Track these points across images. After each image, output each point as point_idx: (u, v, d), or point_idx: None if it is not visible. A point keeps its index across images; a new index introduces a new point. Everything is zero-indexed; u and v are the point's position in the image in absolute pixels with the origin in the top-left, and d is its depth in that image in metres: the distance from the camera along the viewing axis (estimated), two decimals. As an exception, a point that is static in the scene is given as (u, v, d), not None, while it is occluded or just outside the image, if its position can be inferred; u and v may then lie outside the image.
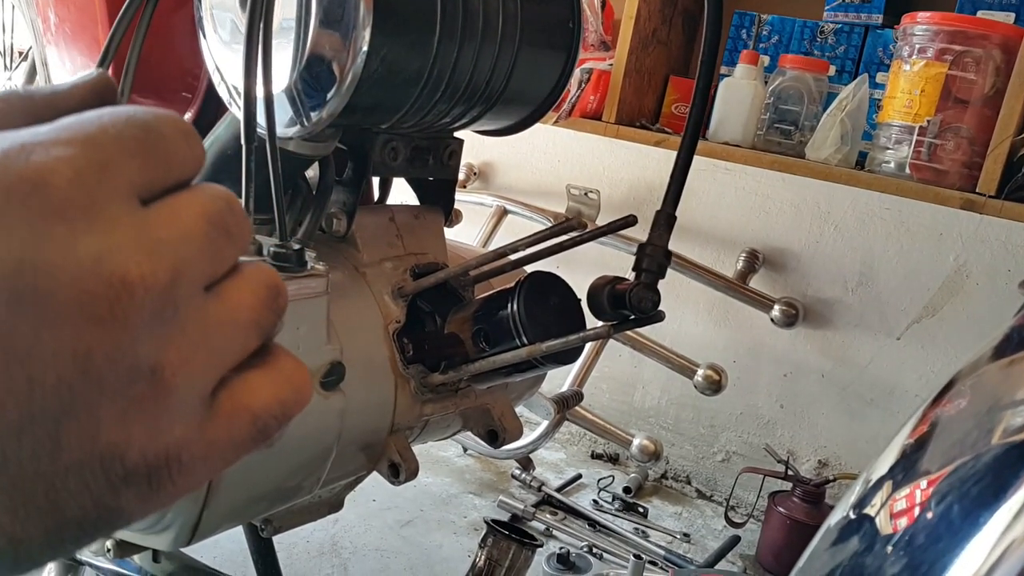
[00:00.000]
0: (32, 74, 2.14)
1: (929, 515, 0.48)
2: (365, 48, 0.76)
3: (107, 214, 0.25)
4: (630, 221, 0.86)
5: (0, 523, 0.25)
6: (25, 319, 0.24)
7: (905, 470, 0.56)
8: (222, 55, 0.86)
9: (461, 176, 2.37)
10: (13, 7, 2.10)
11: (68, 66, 1.22)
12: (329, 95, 0.78)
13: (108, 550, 0.82)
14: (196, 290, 0.27)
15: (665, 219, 0.82)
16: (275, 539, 1.15)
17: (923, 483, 0.52)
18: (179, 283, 0.27)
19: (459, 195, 1.05)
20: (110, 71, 0.98)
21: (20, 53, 2.26)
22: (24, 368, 0.25)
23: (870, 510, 0.56)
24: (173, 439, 0.27)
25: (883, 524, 0.53)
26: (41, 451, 0.25)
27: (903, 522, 0.51)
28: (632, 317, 0.81)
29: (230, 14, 0.85)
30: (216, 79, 0.88)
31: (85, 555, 1.06)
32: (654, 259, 0.81)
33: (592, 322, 0.83)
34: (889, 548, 0.49)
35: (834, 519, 0.61)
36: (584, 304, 0.85)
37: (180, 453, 0.28)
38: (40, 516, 0.26)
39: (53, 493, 0.26)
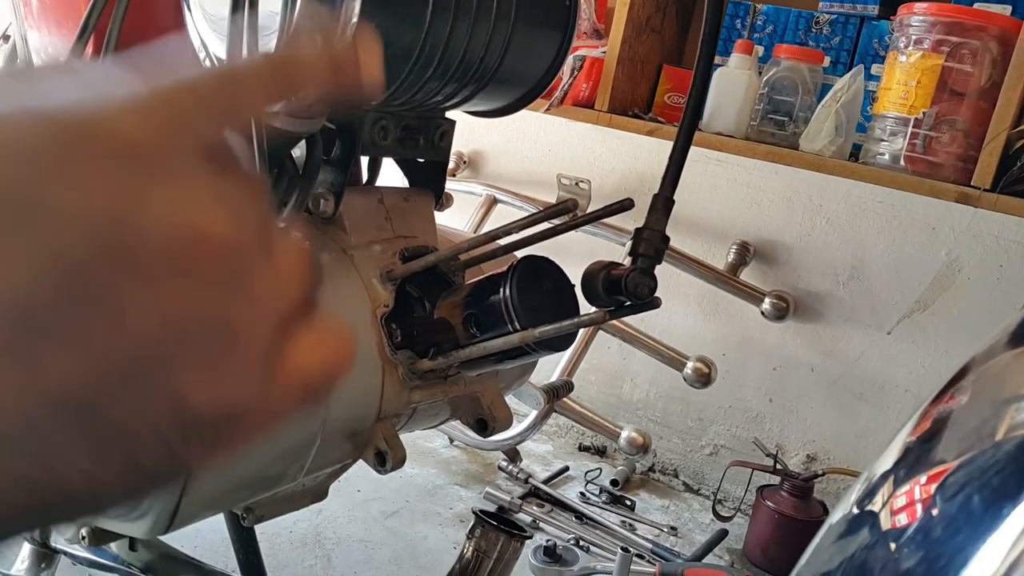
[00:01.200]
0: (13, 55, 2.09)
1: (943, 508, 0.46)
2: (355, 19, 0.73)
3: (183, 170, 0.27)
4: (626, 205, 0.83)
5: (80, 465, 0.27)
6: (116, 271, 0.25)
7: (915, 462, 0.54)
8: (207, 29, 0.83)
9: (450, 164, 2.35)
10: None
11: (50, 47, 1.19)
12: (318, 69, 0.75)
13: (83, 538, 0.80)
14: (256, 246, 0.29)
15: (663, 203, 0.80)
16: (257, 529, 1.13)
17: (934, 475, 0.50)
18: (244, 238, 0.28)
19: (449, 183, 1.02)
20: (90, 47, 0.95)
21: (5, 37, 2.21)
22: (115, 319, 0.26)
23: (876, 505, 0.54)
24: (237, 393, 0.29)
25: (891, 518, 0.51)
26: (127, 399, 0.27)
27: (911, 515, 0.49)
28: (628, 303, 0.78)
29: (215, -15, 0.82)
30: (201, 54, 0.85)
31: (60, 543, 1.03)
32: (651, 243, 0.79)
33: (586, 308, 0.81)
34: (899, 542, 0.47)
35: (838, 515, 0.59)
36: (578, 290, 0.83)
37: (242, 407, 0.29)
38: (117, 462, 0.27)
39: (131, 440, 0.27)
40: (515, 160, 2.35)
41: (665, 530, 1.94)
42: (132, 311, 0.26)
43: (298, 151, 0.91)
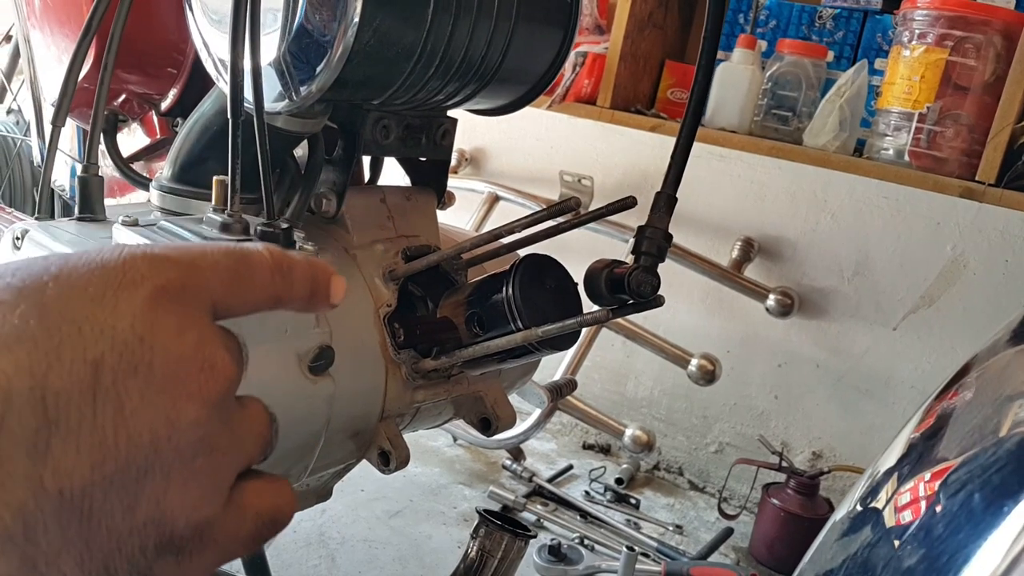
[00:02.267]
0: (16, 55, 2.09)
1: (945, 505, 0.46)
2: (357, 19, 0.73)
3: (197, 314, 0.33)
4: (629, 203, 0.83)
5: (66, 574, 0.30)
6: (137, 384, 0.30)
7: (917, 460, 0.54)
8: (209, 28, 0.83)
9: (452, 162, 2.34)
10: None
11: (53, 47, 1.19)
12: (319, 68, 0.75)
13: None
14: (233, 395, 0.34)
15: (665, 201, 0.80)
16: (262, 529, 1.13)
17: (941, 473, 0.50)
18: (236, 382, 0.34)
19: (451, 181, 1.02)
20: (93, 45, 0.95)
21: (8, 37, 2.22)
22: (128, 427, 0.30)
23: (879, 502, 0.54)
24: (206, 515, 0.33)
25: (895, 516, 0.51)
26: (120, 507, 0.30)
27: (915, 513, 0.49)
28: (631, 302, 0.78)
29: (216, -14, 0.82)
30: (203, 54, 0.85)
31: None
32: (654, 242, 0.79)
33: (589, 306, 0.80)
34: (902, 539, 0.47)
35: (842, 512, 0.58)
36: (581, 288, 0.83)
37: (208, 530, 0.33)
38: (97, 572, 0.30)
39: (115, 549, 0.31)
40: (517, 157, 2.34)
41: (670, 528, 1.94)
42: (139, 415, 0.30)
43: (300, 151, 0.91)
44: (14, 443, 0.28)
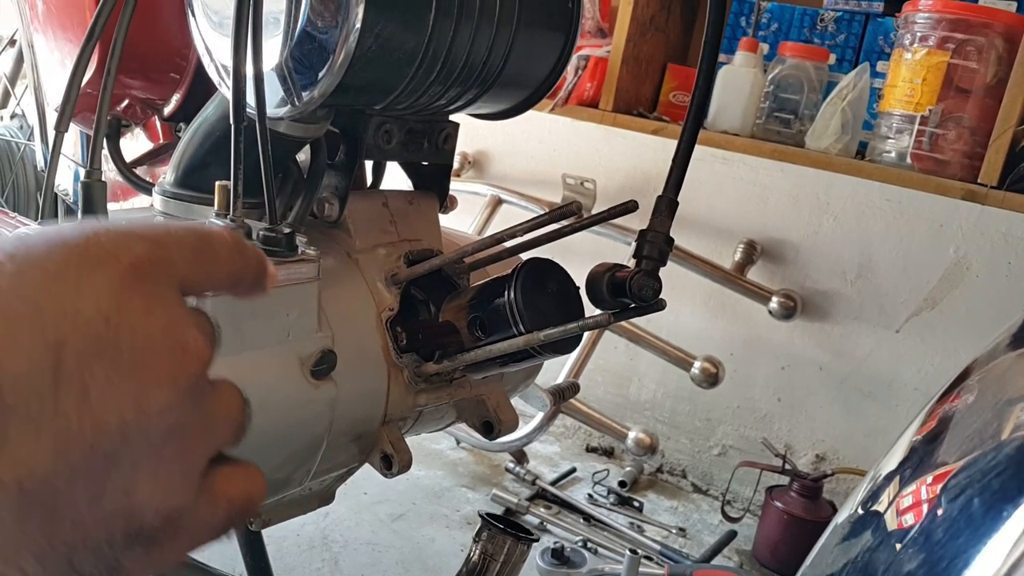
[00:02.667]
0: (20, 60, 2.10)
1: (945, 510, 0.46)
2: (358, 25, 0.73)
3: (166, 294, 0.31)
4: (630, 207, 0.83)
5: (24, 567, 0.28)
6: (103, 367, 0.28)
7: (917, 464, 0.54)
8: (211, 34, 0.84)
9: (455, 165, 2.34)
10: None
11: (56, 51, 1.19)
12: (321, 74, 0.76)
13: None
14: (209, 376, 0.33)
15: (667, 204, 0.80)
16: (264, 532, 1.13)
17: (940, 477, 0.50)
18: (210, 361, 0.32)
19: (453, 184, 1.02)
20: (96, 51, 0.95)
21: (12, 42, 2.22)
22: (93, 413, 0.28)
23: (880, 506, 0.54)
24: (177, 504, 0.31)
25: (895, 520, 0.51)
26: (86, 497, 0.28)
27: (915, 517, 0.49)
28: (633, 305, 0.78)
29: (219, -9, 0.82)
30: (205, 59, 0.85)
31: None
32: (655, 245, 0.79)
33: (591, 310, 0.81)
34: (903, 543, 0.47)
35: (843, 515, 0.59)
36: (583, 292, 0.83)
37: (179, 519, 0.31)
38: (60, 569, 0.29)
39: (80, 543, 0.29)
40: (520, 160, 2.35)
41: (674, 531, 1.94)
42: (105, 400, 0.28)
43: (303, 156, 0.92)
44: None
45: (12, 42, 2.09)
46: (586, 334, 1.87)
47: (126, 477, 0.29)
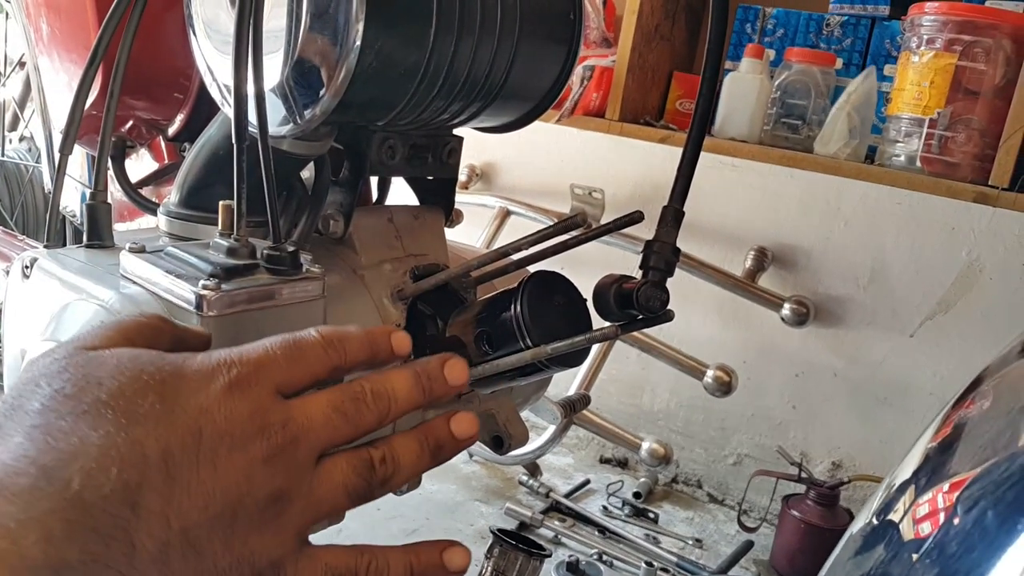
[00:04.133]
0: (28, 82, 2.12)
1: (960, 521, 0.45)
2: (358, 42, 0.73)
3: (260, 396, 0.42)
4: (636, 217, 0.83)
5: None
6: (223, 448, 0.40)
7: (931, 474, 0.53)
8: (213, 54, 0.84)
9: (463, 177, 2.34)
10: (7, 16, 2.09)
11: (61, 73, 1.20)
12: (322, 92, 0.75)
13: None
14: (312, 455, 0.43)
15: (673, 215, 0.79)
16: (277, 551, 1.12)
17: (949, 487, 0.49)
18: (300, 445, 0.42)
19: (461, 196, 1.02)
20: (99, 72, 0.95)
21: (20, 64, 2.24)
22: (219, 480, 0.40)
23: (896, 516, 0.53)
24: (280, 556, 0.41)
25: (911, 531, 0.50)
26: (220, 543, 0.39)
27: (932, 529, 0.48)
28: (640, 317, 0.78)
29: (221, 11, 0.82)
30: (207, 79, 0.86)
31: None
32: (662, 256, 0.78)
33: (599, 322, 0.80)
34: (918, 556, 0.46)
35: (857, 526, 0.58)
36: (590, 304, 0.82)
37: (283, 570, 0.42)
38: None
39: None
40: (528, 172, 2.35)
41: (690, 542, 1.92)
42: (226, 472, 0.40)
43: (307, 173, 0.92)
44: (152, 490, 0.37)
45: (21, 64, 2.11)
46: (597, 345, 1.86)
47: (243, 530, 0.40)
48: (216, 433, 0.40)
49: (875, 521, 0.56)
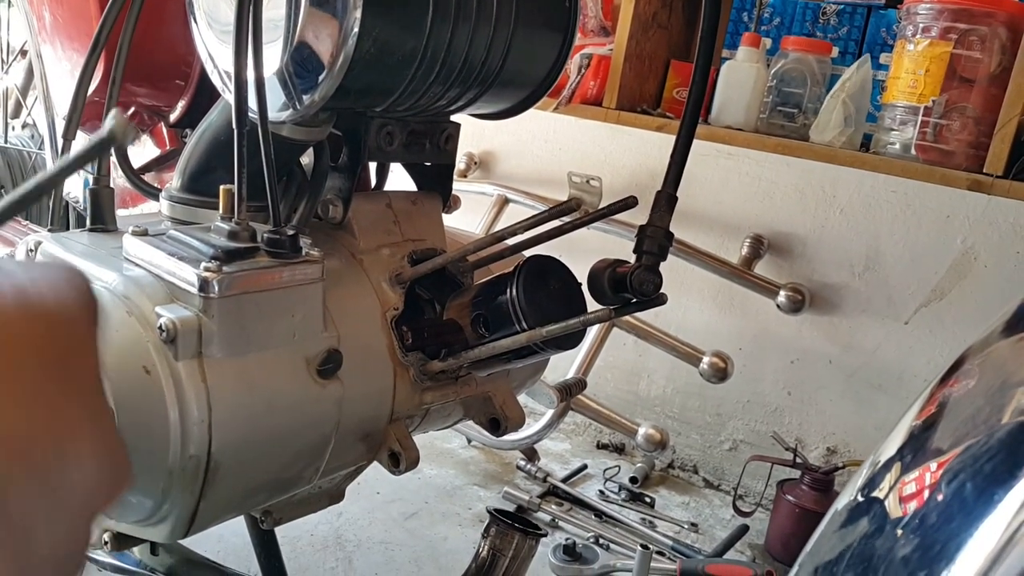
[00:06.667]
0: (31, 70, 2.12)
1: (941, 495, 0.46)
2: (356, 29, 0.74)
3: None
4: (630, 203, 0.84)
5: None
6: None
7: (915, 451, 0.55)
8: (213, 41, 0.85)
9: (461, 166, 2.35)
10: (10, 4, 2.09)
11: (63, 61, 1.21)
12: (321, 77, 0.77)
13: (105, 543, 0.81)
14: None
15: (666, 200, 0.81)
16: (278, 532, 1.14)
17: (933, 463, 0.50)
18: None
19: (460, 184, 1.03)
20: (101, 60, 0.96)
21: (22, 52, 2.25)
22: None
23: (879, 492, 0.54)
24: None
25: (893, 506, 0.51)
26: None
27: (914, 503, 0.49)
28: (634, 300, 0.79)
29: (220, -2, 0.84)
30: (208, 66, 0.87)
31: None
32: (655, 240, 0.80)
33: (593, 306, 0.81)
34: (900, 529, 0.48)
35: (843, 502, 0.59)
36: (585, 288, 0.84)
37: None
38: None
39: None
40: (526, 160, 2.35)
41: (685, 526, 1.94)
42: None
43: (306, 158, 0.93)
44: None
45: (23, 52, 2.11)
46: (594, 331, 1.88)
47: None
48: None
49: (859, 497, 0.57)
